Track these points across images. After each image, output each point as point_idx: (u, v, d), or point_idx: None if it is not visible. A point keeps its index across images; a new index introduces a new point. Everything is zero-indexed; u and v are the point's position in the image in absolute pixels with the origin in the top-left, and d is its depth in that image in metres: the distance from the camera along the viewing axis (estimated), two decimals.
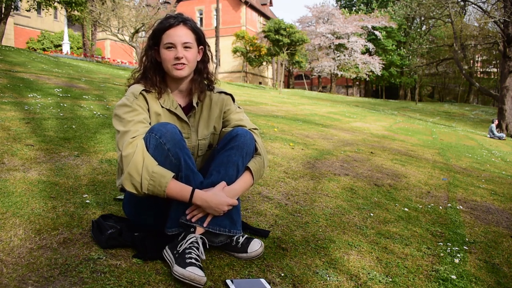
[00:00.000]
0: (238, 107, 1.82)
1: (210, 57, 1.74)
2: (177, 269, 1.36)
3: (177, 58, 1.59)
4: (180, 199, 1.50)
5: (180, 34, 1.60)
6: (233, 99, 1.81)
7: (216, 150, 1.69)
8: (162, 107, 1.66)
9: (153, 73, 1.65)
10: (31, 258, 1.41)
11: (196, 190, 1.50)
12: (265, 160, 1.71)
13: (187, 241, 1.47)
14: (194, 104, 1.72)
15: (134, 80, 1.71)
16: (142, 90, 1.62)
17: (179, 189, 1.49)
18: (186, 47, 1.61)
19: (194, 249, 1.45)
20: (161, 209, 1.60)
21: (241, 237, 1.63)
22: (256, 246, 1.62)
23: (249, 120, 1.82)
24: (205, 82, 1.75)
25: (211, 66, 1.76)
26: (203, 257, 1.47)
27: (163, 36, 1.60)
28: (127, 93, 1.63)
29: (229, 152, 1.60)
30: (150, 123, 1.61)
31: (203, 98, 1.75)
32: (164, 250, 1.51)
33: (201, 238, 1.51)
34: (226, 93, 1.80)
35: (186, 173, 1.52)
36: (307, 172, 3.31)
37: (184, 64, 1.61)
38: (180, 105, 1.71)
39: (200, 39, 1.67)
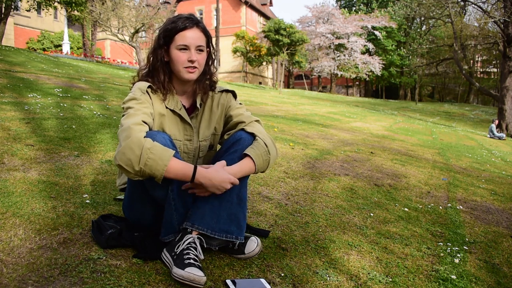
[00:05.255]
0: (240, 103, 1.82)
1: (213, 58, 1.74)
2: (176, 271, 1.36)
3: (191, 61, 1.59)
4: (181, 177, 1.43)
5: (195, 37, 1.59)
6: (235, 96, 1.80)
7: (219, 153, 1.68)
8: (166, 107, 1.65)
9: (161, 72, 1.64)
10: (31, 258, 1.41)
11: (198, 167, 1.44)
12: (269, 148, 1.61)
13: (184, 242, 1.47)
14: (198, 106, 1.71)
15: (139, 77, 1.70)
16: (148, 87, 1.61)
17: (182, 166, 1.42)
18: (199, 50, 1.61)
19: (192, 249, 1.44)
20: (161, 209, 1.59)
21: None
22: (253, 246, 1.62)
23: (250, 113, 1.81)
24: (207, 83, 1.75)
25: (213, 67, 1.76)
26: (202, 256, 1.47)
27: (177, 37, 1.59)
28: (134, 88, 1.62)
29: (232, 155, 1.59)
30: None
31: (205, 99, 1.75)
32: (162, 253, 1.50)
33: (198, 238, 1.50)
34: (227, 91, 1.79)
35: (178, 184, 1.50)
36: (307, 172, 3.31)
37: (196, 67, 1.61)
38: (184, 106, 1.70)
39: (209, 42, 1.68)
